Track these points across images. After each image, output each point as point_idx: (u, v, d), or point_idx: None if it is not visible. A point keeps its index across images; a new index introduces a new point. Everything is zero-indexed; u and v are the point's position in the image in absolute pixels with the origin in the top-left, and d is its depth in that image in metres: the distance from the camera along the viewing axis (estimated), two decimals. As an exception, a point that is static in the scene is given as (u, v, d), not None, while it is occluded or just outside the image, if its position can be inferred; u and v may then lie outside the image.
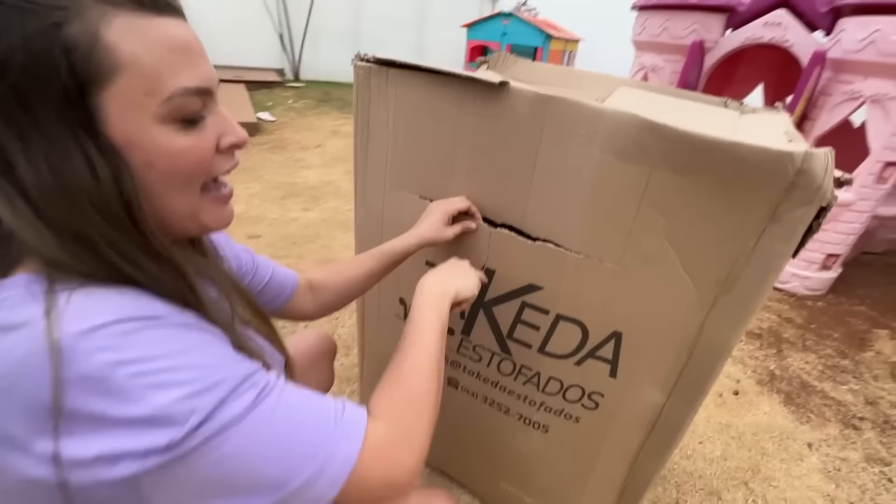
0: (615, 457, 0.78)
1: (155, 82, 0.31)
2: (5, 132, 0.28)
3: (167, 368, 0.29)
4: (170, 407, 0.28)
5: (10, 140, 0.28)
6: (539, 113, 0.61)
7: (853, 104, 1.77)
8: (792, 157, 0.47)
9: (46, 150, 0.29)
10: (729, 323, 0.59)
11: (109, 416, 0.27)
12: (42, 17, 0.27)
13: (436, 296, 0.53)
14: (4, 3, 0.27)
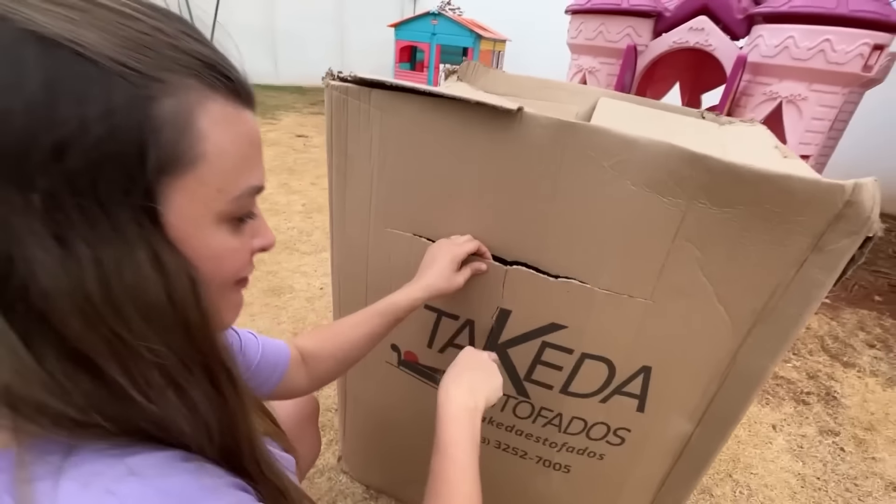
0: (639, 492, 0.76)
1: (232, 178, 0.27)
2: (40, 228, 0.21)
3: None
4: None
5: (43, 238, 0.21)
6: (559, 141, 0.55)
7: (772, 104, 1.94)
8: (843, 189, 0.46)
9: (100, 250, 0.22)
10: (765, 353, 0.58)
11: None
12: (133, 87, 0.22)
13: (468, 412, 0.49)
14: (96, 63, 0.21)
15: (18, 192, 0.20)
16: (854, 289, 2.30)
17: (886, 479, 1.24)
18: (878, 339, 1.88)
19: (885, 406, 1.51)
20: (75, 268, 0.22)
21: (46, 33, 0.21)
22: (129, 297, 0.23)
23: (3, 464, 0.22)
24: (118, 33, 0.22)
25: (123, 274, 0.23)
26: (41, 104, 0.20)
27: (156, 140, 0.23)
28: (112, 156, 0.22)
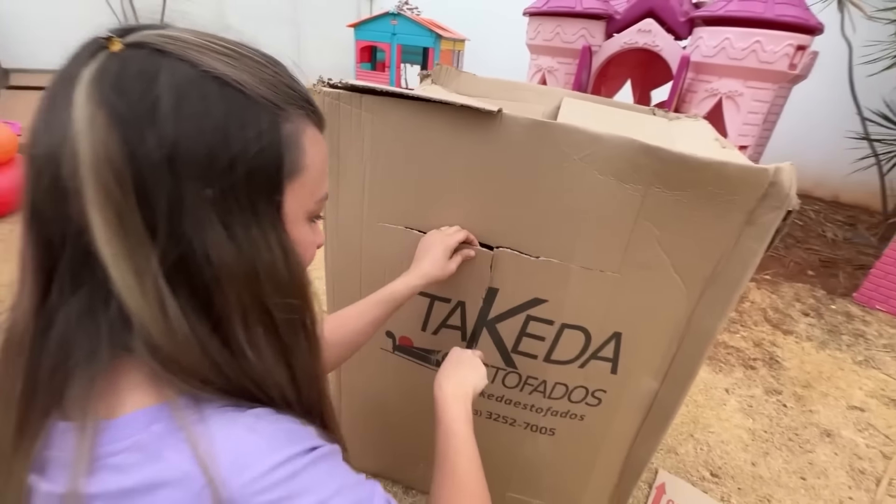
0: (616, 445, 0.85)
1: (317, 185, 0.34)
2: (209, 215, 0.27)
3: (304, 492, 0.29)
4: None
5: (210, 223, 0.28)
6: (536, 138, 0.63)
7: (713, 100, 2.12)
8: (767, 172, 0.56)
9: (249, 232, 0.29)
10: (714, 314, 0.68)
11: None
12: (271, 115, 0.30)
13: (461, 398, 0.58)
14: (250, 97, 0.29)
15: (202, 190, 0.27)
16: (790, 265, 2.54)
17: (821, 427, 1.42)
18: (811, 308, 2.11)
19: (818, 366, 1.71)
20: (233, 246, 0.28)
21: (219, 74, 0.28)
22: (265, 268, 0.30)
23: (160, 414, 0.28)
24: (259, 76, 0.30)
25: (262, 251, 0.30)
26: (222, 127, 0.27)
27: (285, 153, 0.31)
28: (262, 165, 0.29)
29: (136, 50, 0.27)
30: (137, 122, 0.25)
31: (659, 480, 1.16)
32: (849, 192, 3.81)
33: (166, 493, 0.26)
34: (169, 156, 0.26)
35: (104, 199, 0.25)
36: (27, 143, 0.27)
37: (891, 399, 1.57)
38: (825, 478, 1.24)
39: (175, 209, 0.26)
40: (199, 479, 0.26)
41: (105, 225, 0.25)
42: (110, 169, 0.25)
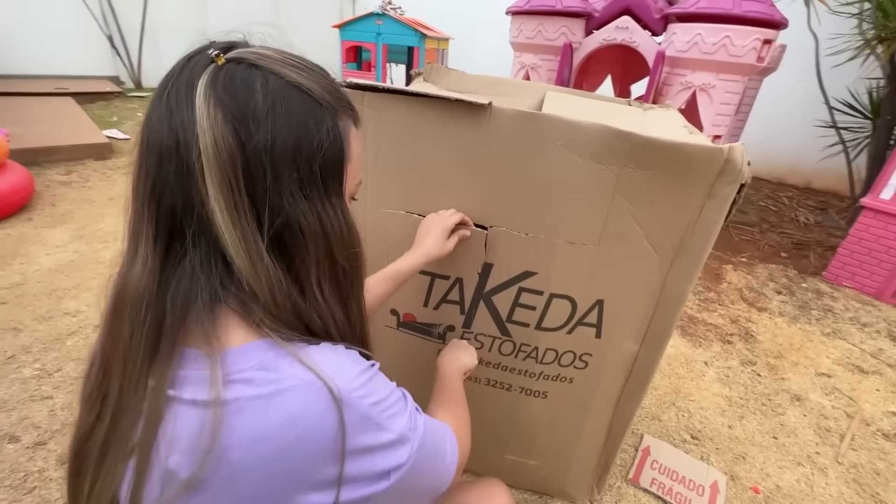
0: (603, 405, 0.94)
1: (357, 172, 0.44)
2: (296, 191, 0.36)
3: (392, 403, 0.39)
4: (403, 430, 0.39)
5: (297, 197, 0.36)
6: (522, 128, 0.71)
7: (688, 92, 2.24)
8: (722, 150, 0.65)
9: (323, 203, 0.38)
10: (683, 279, 0.77)
11: (376, 443, 0.37)
12: (332, 116, 0.38)
13: (458, 369, 0.75)
14: (319, 102, 0.37)
15: (292, 172, 0.36)
16: (765, 248, 2.68)
17: (792, 392, 1.53)
18: (784, 287, 2.24)
19: (789, 338, 1.83)
20: (314, 214, 0.38)
21: (297, 83, 0.36)
22: (334, 230, 0.39)
23: (268, 345, 0.36)
24: (320, 83, 0.38)
25: (332, 218, 0.39)
26: (304, 125, 0.36)
27: (343, 143, 0.39)
28: (332, 155, 0.38)
29: (236, 64, 0.35)
30: (245, 120, 0.34)
31: (644, 444, 1.26)
32: (821, 179, 3.98)
33: (292, 394, 0.34)
34: (268, 147, 0.34)
35: (221, 178, 0.33)
36: (147, 132, 0.35)
37: (855, 366, 1.69)
38: (795, 436, 1.35)
39: (274, 188, 0.35)
40: (315, 381, 0.35)
41: (221, 197, 0.33)
42: (227, 154, 0.33)
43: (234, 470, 0.33)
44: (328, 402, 0.34)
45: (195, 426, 0.33)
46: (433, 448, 0.44)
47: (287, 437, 0.33)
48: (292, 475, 0.34)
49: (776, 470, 1.23)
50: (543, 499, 1.09)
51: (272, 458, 0.33)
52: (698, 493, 1.12)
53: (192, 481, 0.33)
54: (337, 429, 0.34)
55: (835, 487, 1.20)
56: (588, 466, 1.04)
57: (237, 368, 0.35)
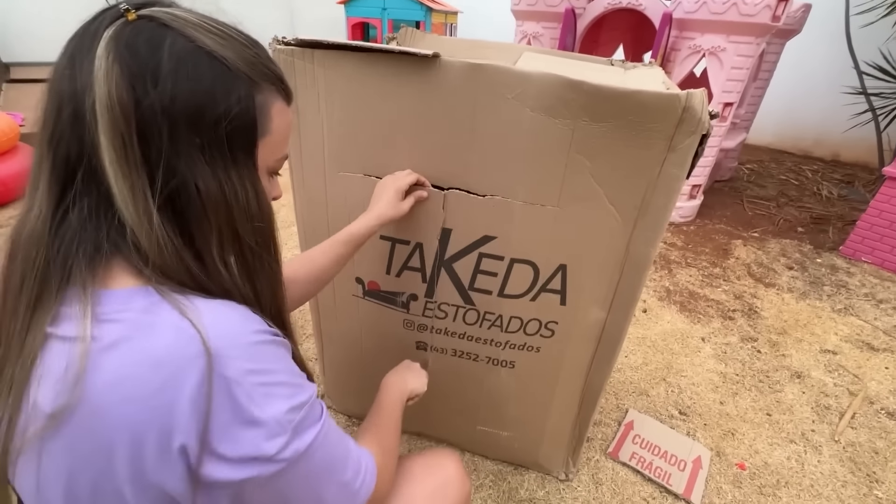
0: (572, 375, 0.92)
1: (279, 147, 0.43)
2: (197, 156, 0.36)
3: (278, 382, 0.37)
4: (279, 417, 0.36)
5: (197, 162, 0.36)
6: (471, 81, 0.67)
7: (696, 56, 2.11)
8: (679, 97, 0.60)
9: (226, 171, 0.38)
10: (647, 241, 0.73)
11: (241, 418, 0.34)
12: (248, 86, 0.38)
13: (400, 392, 0.69)
14: (233, 71, 0.37)
15: (192, 138, 0.35)
16: (780, 223, 2.55)
17: (792, 370, 1.47)
18: (796, 262, 2.13)
19: (795, 314, 1.75)
20: (216, 182, 0.37)
21: (210, 50, 0.36)
22: (240, 203, 0.38)
23: (149, 291, 0.35)
24: (241, 54, 0.38)
25: (237, 189, 0.38)
26: (210, 92, 0.35)
27: (257, 116, 0.39)
28: (240, 123, 0.37)
29: (147, 21, 0.35)
30: (143, 78, 0.33)
31: (628, 419, 1.23)
32: (849, 150, 3.76)
33: (161, 339, 0.33)
34: (165, 107, 0.34)
35: (112, 130, 0.33)
36: (51, 79, 0.35)
37: (865, 343, 1.61)
38: (790, 413, 1.30)
39: (170, 149, 0.34)
40: (188, 329, 0.34)
41: (111, 149, 0.33)
42: (119, 109, 0.33)
43: (95, 408, 0.32)
44: (198, 353, 0.33)
45: (63, 361, 0.33)
46: (325, 463, 0.40)
47: (150, 381, 0.32)
48: (151, 426, 0.32)
49: (765, 447, 1.19)
50: (519, 470, 1.08)
51: (133, 402, 0.32)
52: (679, 467, 1.09)
53: (55, 415, 0.32)
54: (202, 383, 0.32)
55: (827, 466, 1.15)
56: (561, 438, 1.02)
57: (112, 309, 0.35)
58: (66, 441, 0.33)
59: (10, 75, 4.13)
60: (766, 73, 2.83)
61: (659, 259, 2.10)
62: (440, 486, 0.63)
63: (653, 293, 1.84)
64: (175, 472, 0.33)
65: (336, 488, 0.42)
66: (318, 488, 0.40)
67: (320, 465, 0.40)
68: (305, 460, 0.38)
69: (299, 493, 0.39)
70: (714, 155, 2.37)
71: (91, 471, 0.33)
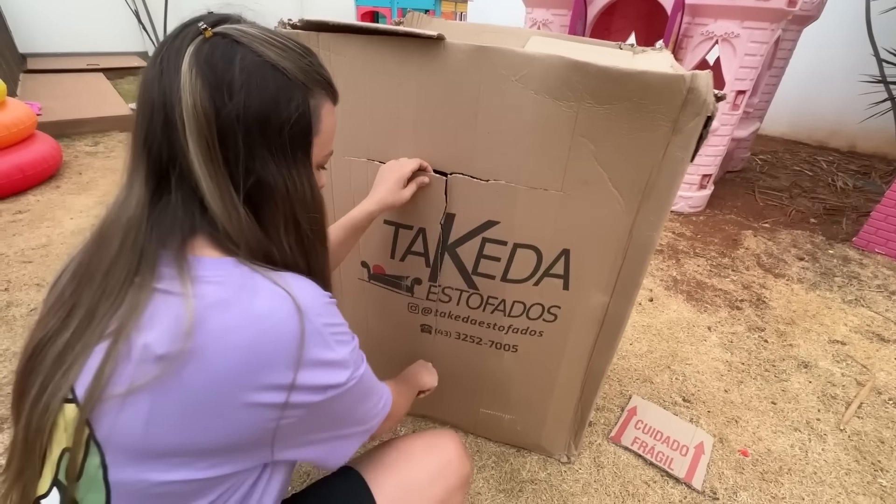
0: (574, 359, 0.92)
1: (327, 144, 0.49)
2: (266, 156, 0.42)
3: (342, 332, 0.45)
4: (347, 356, 0.45)
5: (267, 162, 0.42)
6: (476, 63, 0.67)
7: (709, 43, 2.07)
8: (683, 78, 0.60)
9: (290, 169, 0.44)
10: (651, 224, 0.73)
11: (324, 358, 0.42)
12: (303, 91, 0.43)
13: (417, 380, 0.82)
14: (292, 80, 0.42)
15: (265, 141, 0.41)
16: (792, 214, 2.52)
17: (799, 359, 1.46)
18: (807, 253, 2.10)
19: (805, 304, 1.73)
20: (281, 178, 0.43)
21: (273, 62, 0.41)
22: (299, 194, 0.45)
23: (238, 262, 0.42)
24: (298, 64, 0.43)
25: (298, 185, 0.44)
26: (275, 100, 0.41)
27: (311, 118, 0.44)
28: (300, 129, 0.43)
29: (221, 38, 0.40)
30: (220, 90, 0.39)
31: (631, 404, 1.24)
32: (866, 141, 3.67)
33: (261, 298, 0.40)
34: (240, 115, 0.39)
35: (198, 135, 0.38)
36: (142, 88, 0.40)
37: (875, 334, 1.59)
38: (795, 402, 1.30)
39: (245, 151, 0.40)
40: (281, 292, 0.40)
41: (199, 152, 0.39)
42: (204, 118, 0.38)
43: (208, 354, 0.37)
44: (292, 309, 0.40)
45: (171, 311, 0.38)
46: (367, 387, 0.50)
47: (256, 329, 0.39)
48: (255, 368, 0.38)
49: (769, 434, 1.19)
50: (521, 452, 1.10)
51: (241, 347, 0.38)
52: (681, 453, 1.10)
53: (168, 357, 0.36)
54: (298, 334, 0.40)
55: (832, 454, 1.15)
56: (563, 421, 1.03)
57: (210, 273, 0.41)
58: (182, 381, 0.37)
59: (26, 66, 4.21)
60: (781, 60, 2.77)
61: (667, 249, 2.09)
62: (441, 467, 0.64)
63: (659, 282, 1.83)
64: (269, 402, 0.39)
65: (367, 407, 0.51)
66: (357, 406, 0.49)
67: (363, 389, 0.49)
68: (357, 385, 0.47)
69: (346, 408, 0.47)
70: (725, 145, 2.34)
71: (203, 405, 0.38)
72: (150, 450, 0.38)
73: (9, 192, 2.14)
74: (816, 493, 1.05)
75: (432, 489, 0.62)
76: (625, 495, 1.01)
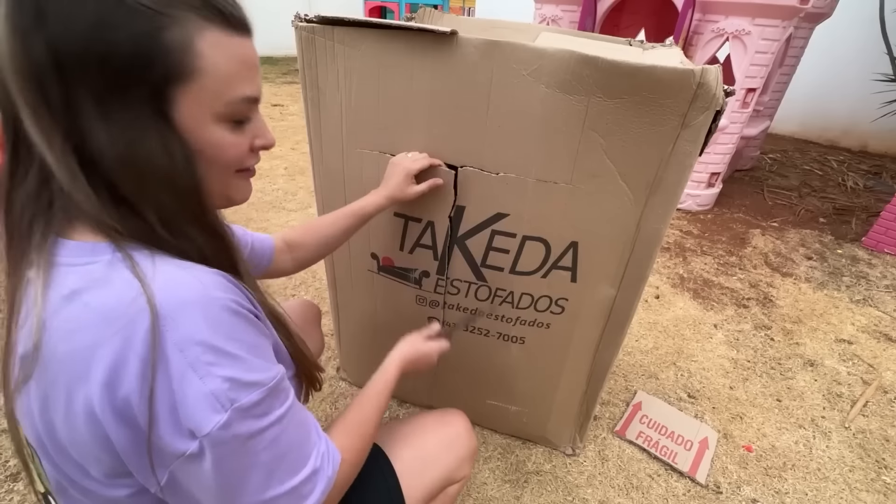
0: (581, 352, 0.93)
1: (224, 88, 0.36)
2: (92, 110, 0.31)
3: (229, 354, 0.34)
4: (220, 392, 0.33)
5: (95, 118, 0.32)
6: (488, 57, 0.68)
7: (719, 40, 2.06)
8: (693, 73, 0.60)
9: (127, 129, 0.33)
10: (659, 218, 0.74)
11: (184, 387, 0.32)
12: (150, 20, 0.31)
13: (399, 365, 0.64)
14: (123, 3, 0.30)
15: (84, 87, 0.31)
16: (801, 213, 2.50)
17: (805, 358, 1.46)
18: (815, 252, 2.09)
19: (812, 304, 1.73)
20: (113, 140, 0.32)
21: None
22: (144, 163, 0.33)
23: (109, 247, 0.35)
24: None
25: (139, 148, 0.33)
26: (94, 29, 0.30)
27: (166, 59, 0.32)
28: (134, 68, 0.31)
29: None
30: (28, 29, 0.29)
31: (636, 399, 1.25)
32: (878, 141, 3.63)
33: (113, 292, 0.33)
34: (52, 56, 0.30)
35: (24, 94, 0.30)
36: None
37: (882, 333, 1.58)
38: (801, 400, 1.30)
39: (67, 104, 0.31)
40: (137, 287, 0.32)
41: (28, 114, 0.31)
42: (23, 69, 0.30)
43: (56, 354, 0.33)
44: (141, 309, 0.32)
45: (31, 303, 0.34)
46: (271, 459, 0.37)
47: (98, 334, 0.32)
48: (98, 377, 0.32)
49: (774, 431, 1.19)
50: (527, 444, 1.11)
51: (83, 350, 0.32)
52: (686, 447, 1.11)
53: (25, 357, 0.33)
54: (147, 342, 0.31)
55: (836, 451, 1.15)
56: (569, 414, 1.04)
57: (72, 259, 0.34)
58: (39, 384, 0.34)
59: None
60: (792, 58, 2.75)
61: (674, 246, 2.09)
62: (452, 438, 0.69)
63: (666, 280, 1.83)
64: (123, 428, 0.32)
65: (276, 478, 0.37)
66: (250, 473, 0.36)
67: (265, 458, 0.36)
68: (246, 446, 0.35)
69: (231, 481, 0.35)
70: (734, 143, 2.33)
71: (59, 413, 0.34)
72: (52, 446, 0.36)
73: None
74: (820, 489, 1.06)
75: (444, 458, 0.66)
76: (629, 488, 1.03)
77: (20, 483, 0.95)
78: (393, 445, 0.64)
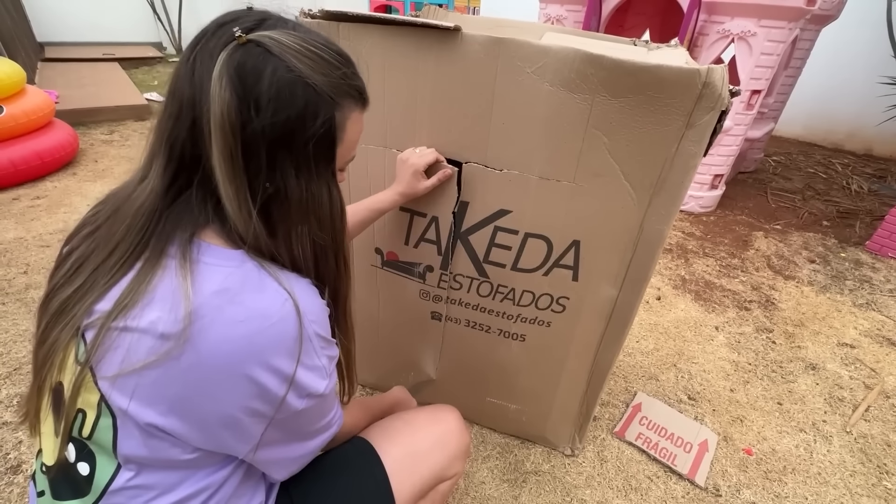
0: (581, 351, 0.93)
1: (350, 150, 0.49)
2: (290, 169, 0.42)
3: (327, 345, 0.47)
4: (328, 366, 0.48)
5: (289, 175, 0.43)
6: (492, 54, 0.68)
7: (725, 41, 2.06)
8: (699, 72, 0.60)
9: (311, 182, 0.44)
10: (661, 219, 0.74)
11: (313, 364, 0.45)
12: (331, 105, 0.43)
13: None
14: (320, 94, 0.41)
15: (288, 155, 0.42)
16: (805, 216, 2.49)
17: (807, 361, 1.45)
18: (818, 255, 2.09)
19: (815, 307, 1.72)
20: (300, 191, 0.44)
21: (302, 76, 0.40)
22: (317, 206, 0.46)
23: (246, 256, 0.44)
24: (329, 76, 0.42)
25: (317, 195, 0.45)
26: (301, 116, 0.41)
27: (337, 131, 0.44)
28: (324, 143, 0.43)
29: (254, 47, 0.39)
30: (248, 104, 0.39)
31: (636, 401, 1.24)
32: (883, 144, 3.61)
33: (266, 295, 0.42)
34: (265, 130, 0.40)
35: (223, 144, 0.39)
36: (174, 81, 0.41)
37: (885, 338, 1.58)
38: (802, 403, 1.29)
39: (267, 163, 0.41)
40: (284, 293, 0.43)
41: (221, 159, 0.40)
42: (229, 126, 0.39)
43: (204, 341, 0.39)
44: (293, 311, 0.42)
45: (174, 291, 0.40)
46: (332, 400, 0.53)
47: (257, 325, 0.41)
48: (255, 352, 0.41)
49: (774, 434, 1.19)
50: (526, 444, 1.11)
51: (237, 339, 0.40)
52: (685, 449, 1.11)
53: (168, 336, 0.39)
54: (297, 332, 0.43)
55: (837, 455, 1.15)
56: (569, 414, 1.04)
57: (217, 261, 0.42)
58: (180, 363, 0.39)
59: (44, 54, 4.27)
60: (798, 60, 2.73)
61: (676, 248, 2.08)
62: (442, 436, 0.69)
63: (668, 281, 1.83)
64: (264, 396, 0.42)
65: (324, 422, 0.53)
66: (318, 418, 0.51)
67: (329, 402, 0.52)
68: (328, 397, 0.50)
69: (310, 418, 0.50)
70: (738, 145, 2.32)
71: (204, 392, 0.40)
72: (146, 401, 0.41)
73: (28, 178, 2.18)
74: (820, 493, 1.05)
75: (434, 456, 0.67)
76: (627, 489, 1.02)
77: (20, 476, 0.95)
78: (383, 442, 0.65)
